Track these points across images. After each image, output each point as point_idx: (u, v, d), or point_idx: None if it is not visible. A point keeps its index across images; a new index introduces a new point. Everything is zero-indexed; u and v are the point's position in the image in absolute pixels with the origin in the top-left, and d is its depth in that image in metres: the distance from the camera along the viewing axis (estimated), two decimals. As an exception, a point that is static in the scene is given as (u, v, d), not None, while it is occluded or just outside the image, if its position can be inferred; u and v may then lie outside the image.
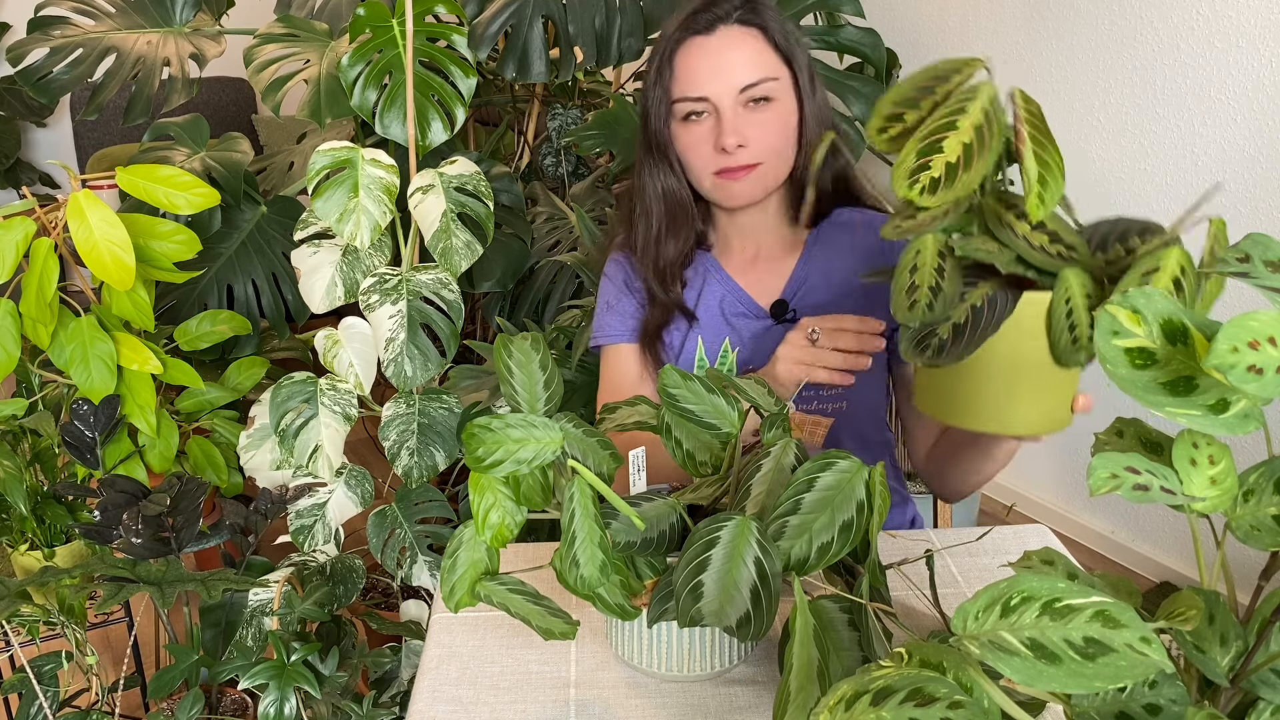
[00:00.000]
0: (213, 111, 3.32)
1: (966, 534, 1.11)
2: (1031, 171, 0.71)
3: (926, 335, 0.76)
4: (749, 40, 1.12)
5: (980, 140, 0.71)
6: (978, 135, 0.71)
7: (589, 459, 0.81)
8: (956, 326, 0.75)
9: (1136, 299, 0.56)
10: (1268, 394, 0.50)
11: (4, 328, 1.39)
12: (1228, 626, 0.60)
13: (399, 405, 1.40)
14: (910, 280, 0.75)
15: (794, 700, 0.67)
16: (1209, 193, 0.72)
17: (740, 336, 1.21)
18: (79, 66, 1.84)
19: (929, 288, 0.74)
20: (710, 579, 0.72)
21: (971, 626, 0.53)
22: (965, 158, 0.71)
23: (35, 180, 3.31)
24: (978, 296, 0.76)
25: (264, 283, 1.88)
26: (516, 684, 0.88)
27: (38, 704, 1.24)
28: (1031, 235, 0.74)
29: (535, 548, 1.10)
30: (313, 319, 1.79)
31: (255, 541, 1.36)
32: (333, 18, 1.88)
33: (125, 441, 1.54)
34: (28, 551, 1.55)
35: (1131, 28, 2.17)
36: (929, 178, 0.71)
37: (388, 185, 1.35)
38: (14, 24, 3.19)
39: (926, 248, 0.75)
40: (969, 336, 0.75)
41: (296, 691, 1.13)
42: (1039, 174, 0.71)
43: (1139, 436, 0.69)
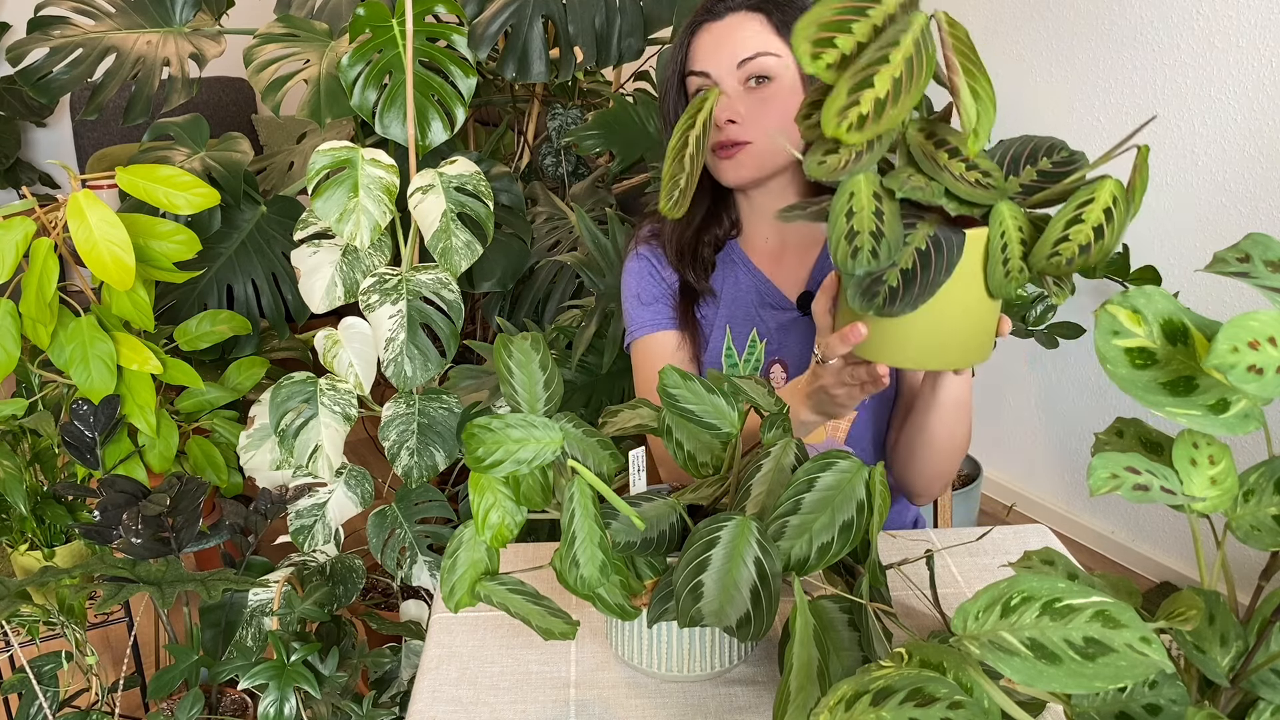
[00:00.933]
0: (213, 111, 3.32)
1: (966, 534, 1.11)
2: (969, 108, 0.70)
3: (874, 283, 0.73)
4: (753, 23, 1.15)
5: (910, 73, 0.68)
6: (907, 68, 0.68)
7: (589, 459, 0.81)
8: (905, 272, 0.73)
9: (1136, 299, 0.56)
10: (1268, 394, 0.50)
11: (4, 328, 1.39)
12: (1228, 626, 0.60)
13: (399, 405, 1.40)
14: (848, 226, 0.71)
15: (794, 700, 0.67)
16: (1143, 125, 0.73)
17: (767, 328, 1.22)
18: (79, 66, 1.84)
19: (870, 233, 0.71)
20: (710, 579, 0.72)
21: (971, 626, 0.53)
22: (894, 92, 0.67)
23: (35, 180, 3.31)
24: (920, 239, 0.74)
25: (264, 283, 1.88)
26: (516, 684, 0.88)
27: (37, 704, 1.24)
28: (954, 165, 0.73)
29: (535, 548, 1.10)
30: (313, 319, 1.79)
31: (255, 541, 1.36)
32: (333, 18, 1.88)
33: (125, 441, 1.54)
34: (28, 551, 1.55)
35: (1131, 28, 2.17)
36: (857, 114, 0.67)
37: (388, 185, 1.35)
38: (14, 24, 3.19)
39: (860, 190, 0.72)
40: (921, 281, 0.73)
41: (296, 691, 1.13)
42: (976, 110, 0.70)
43: (1139, 436, 0.69)
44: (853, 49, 0.67)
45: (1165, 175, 2.16)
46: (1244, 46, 1.97)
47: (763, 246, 1.25)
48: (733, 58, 1.13)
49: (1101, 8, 2.22)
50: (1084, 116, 2.30)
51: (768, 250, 1.25)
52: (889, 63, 0.66)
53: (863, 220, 0.71)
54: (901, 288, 0.73)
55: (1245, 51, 1.98)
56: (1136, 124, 2.20)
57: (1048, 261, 0.73)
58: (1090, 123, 2.29)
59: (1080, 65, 2.29)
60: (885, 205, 0.72)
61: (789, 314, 1.22)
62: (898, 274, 0.73)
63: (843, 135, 0.66)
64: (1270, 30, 1.93)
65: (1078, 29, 2.28)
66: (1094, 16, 2.24)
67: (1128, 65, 2.19)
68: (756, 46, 1.14)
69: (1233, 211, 2.05)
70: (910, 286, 0.73)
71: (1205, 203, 2.10)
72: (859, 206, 0.71)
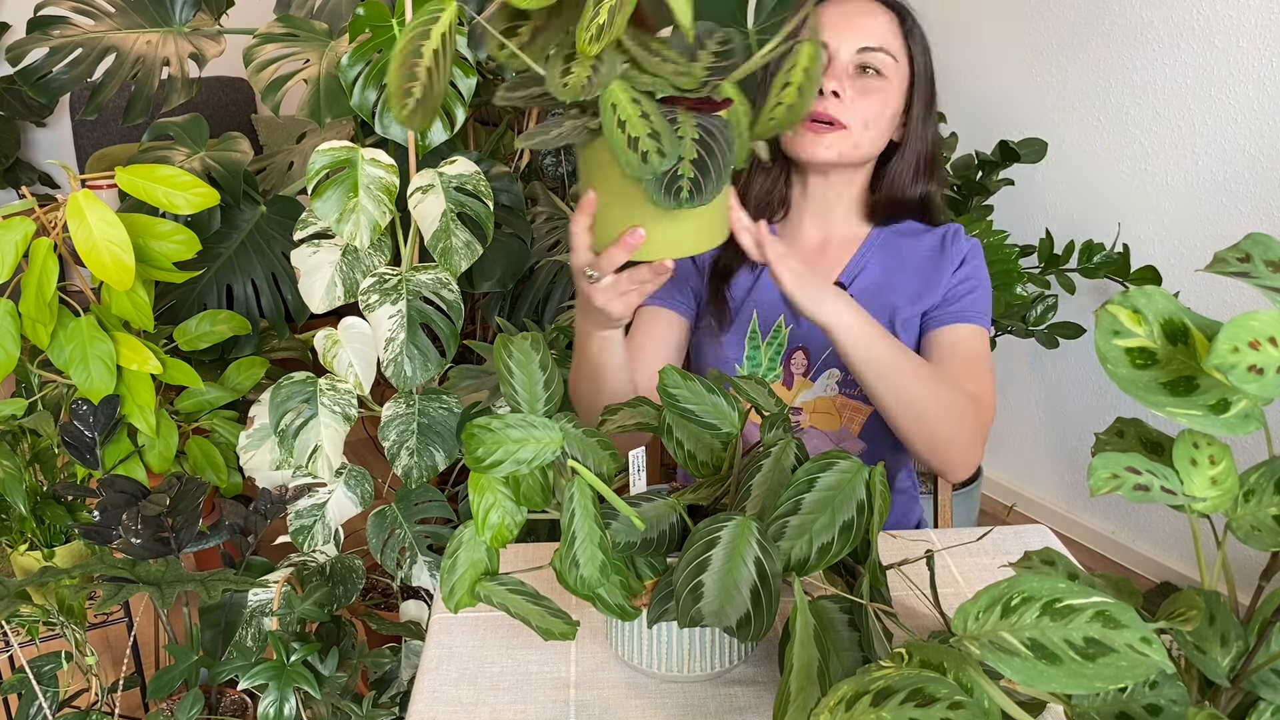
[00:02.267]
0: (212, 111, 3.31)
1: (966, 534, 1.11)
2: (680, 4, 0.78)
3: (672, 180, 0.78)
4: (886, 18, 1.18)
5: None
6: None
7: (589, 459, 0.81)
8: (696, 162, 0.79)
9: (1137, 299, 0.56)
10: (1268, 394, 0.50)
11: (4, 328, 1.39)
12: (1228, 627, 0.60)
13: (399, 405, 1.40)
14: (626, 135, 0.77)
15: (794, 700, 0.67)
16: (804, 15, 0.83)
17: (796, 315, 1.22)
18: (78, 66, 1.83)
19: (648, 135, 0.76)
20: (710, 579, 0.72)
21: (972, 627, 0.53)
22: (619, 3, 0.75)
23: (35, 180, 3.31)
24: (690, 129, 0.80)
25: (264, 283, 1.88)
26: (516, 684, 0.88)
27: (37, 704, 1.23)
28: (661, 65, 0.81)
29: (535, 548, 1.10)
30: (312, 319, 1.78)
31: (255, 542, 1.36)
32: (333, 18, 1.88)
33: (125, 441, 1.54)
34: (27, 551, 1.55)
35: (1132, 27, 2.17)
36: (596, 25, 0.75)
37: (387, 185, 1.35)
38: (14, 24, 3.19)
39: (620, 98, 0.78)
40: (714, 166, 0.79)
41: (296, 692, 1.13)
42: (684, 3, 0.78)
43: (1139, 436, 0.69)
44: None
45: (1166, 175, 2.16)
46: (1244, 46, 1.97)
47: (805, 239, 1.26)
48: (857, 39, 1.15)
49: (1101, 8, 2.22)
50: (1084, 116, 2.30)
51: (809, 244, 1.25)
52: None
53: (635, 126, 0.77)
54: (700, 176, 0.79)
55: (1245, 51, 1.97)
56: (1136, 123, 2.20)
57: (766, 124, 0.86)
58: (1090, 122, 2.29)
59: (1080, 65, 2.29)
60: (647, 107, 0.78)
61: None
62: (689, 165, 0.79)
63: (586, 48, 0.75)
64: (1270, 30, 1.93)
65: (1078, 29, 2.28)
66: (1094, 16, 2.24)
67: (1128, 65, 2.19)
68: (882, 40, 1.16)
69: (1233, 211, 2.05)
70: (706, 173, 0.79)
71: (1206, 202, 2.10)
72: (626, 115, 0.77)
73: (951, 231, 1.25)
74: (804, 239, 1.26)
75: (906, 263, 1.23)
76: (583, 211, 0.90)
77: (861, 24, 1.16)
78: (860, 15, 1.17)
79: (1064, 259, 2.18)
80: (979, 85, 2.54)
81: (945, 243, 1.24)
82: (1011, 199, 2.49)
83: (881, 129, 1.18)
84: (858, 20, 1.16)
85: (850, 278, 1.23)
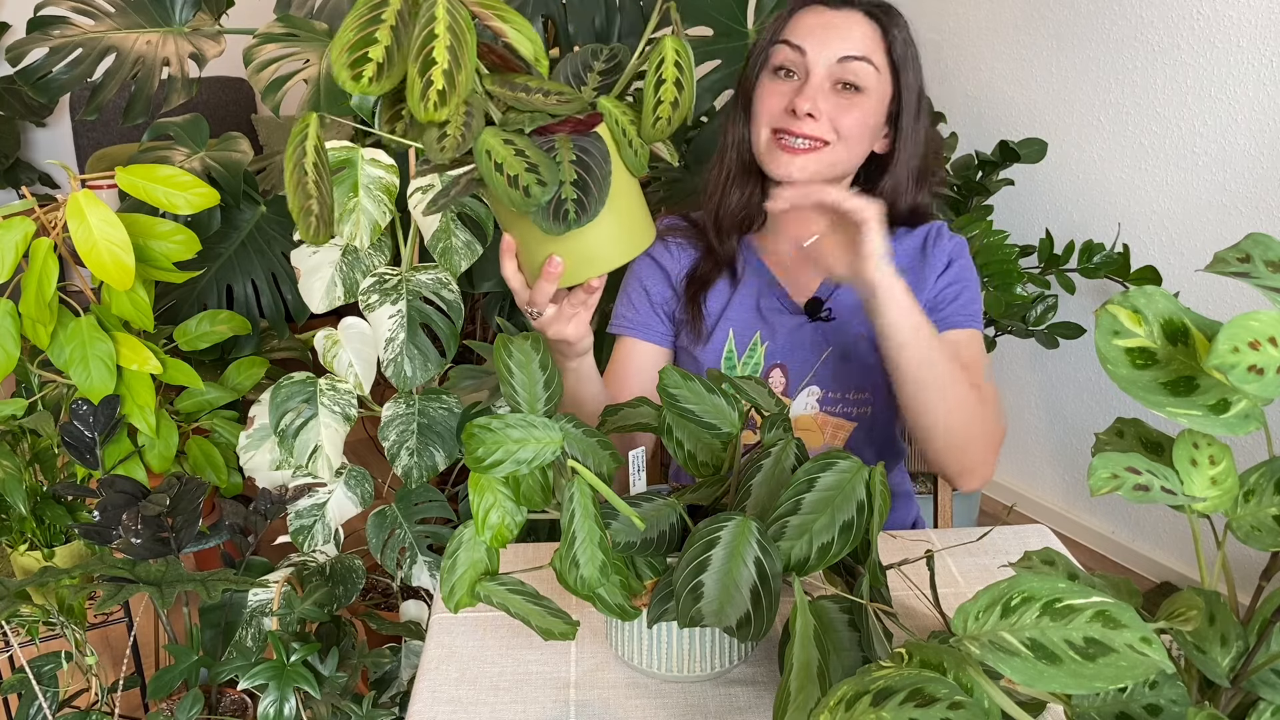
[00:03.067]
0: (212, 111, 3.31)
1: (966, 534, 1.11)
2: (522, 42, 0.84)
3: (557, 207, 0.82)
4: (867, 27, 1.12)
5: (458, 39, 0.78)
6: (455, 37, 0.78)
7: (589, 459, 0.81)
8: (576, 183, 0.83)
9: (1137, 299, 0.56)
10: (1268, 394, 0.50)
11: (4, 328, 1.39)
12: (1228, 627, 0.60)
13: (399, 405, 1.40)
14: (504, 176, 0.80)
15: (794, 700, 0.67)
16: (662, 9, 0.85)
17: (773, 331, 1.21)
18: (79, 66, 1.83)
19: (525, 169, 0.80)
20: (710, 579, 0.72)
21: (972, 627, 0.53)
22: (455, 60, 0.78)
23: (35, 180, 3.31)
24: (567, 151, 0.84)
25: (263, 283, 1.88)
26: (516, 684, 0.88)
27: (37, 704, 1.23)
28: (536, 98, 0.85)
29: (535, 548, 1.10)
30: (312, 319, 1.79)
31: (255, 541, 1.36)
32: (333, 18, 1.88)
33: (125, 441, 1.54)
34: (27, 551, 1.55)
35: (1131, 28, 2.17)
36: (435, 92, 0.78)
37: (387, 185, 1.35)
38: (14, 24, 3.19)
39: (492, 144, 0.82)
40: (594, 183, 0.83)
41: (296, 692, 1.13)
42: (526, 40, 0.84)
43: (1139, 436, 0.69)
44: (384, 55, 0.78)
45: (1165, 175, 2.16)
46: (1244, 46, 1.97)
47: (783, 248, 1.23)
48: (837, 49, 1.10)
49: (1101, 8, 2.22)
50: (1084, 116, 2.30)
51: (786, 252, 1.23)
52: (438, 37, 0.77)
53: (512, 164, 0.80)
54: (582, 196, 0.82)
55: (1245, 51, 1.97)
56: (1136, 123, 2.20)
57: (654, 129, 0.87)
58: (1090, 122, 2.29)
59: (1080, 65, 2.29)
60: (520, 143, 0.81)
61: (796, 318, 1.20)
62: (570, 188, 0.82)
63: (434, 115, 0.78)
64: (1270, 30, 1.93)
65: (1078, 29, 2.28)
66: (1094, 16, 2.24)
67: (1128, 65, 2.19)
68: (864, 49, 1.11)
69: (1233, 211, 2.05)
70: (588, 192, 0.82)
71: (1206, 203, 2.10)
72: (501, 157, 0.81)
73: (934, 231, 1.21)
74: (782, 249, 1.23)
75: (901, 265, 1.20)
76: (505, 256, 0.93)
77: (840, 32, 1.11)
78: (839, 24, 1.12)
79: (1064, 259, 2.18)
80: (979, 85, 2.54)
81: (927, 245, 1.20)
82: (1011, 199, 2.49)
83: (861, 144, 1.14)
84: (836, 29, 1.11)
85: (830, 289, 1.20)
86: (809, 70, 1.11)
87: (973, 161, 2.30)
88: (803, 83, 1.11)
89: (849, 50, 1.10)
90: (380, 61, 0.77)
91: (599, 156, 0.84)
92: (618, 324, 1.26)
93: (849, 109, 1.11)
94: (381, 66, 0.77)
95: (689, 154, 1.84)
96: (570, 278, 0.90)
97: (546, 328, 0.98)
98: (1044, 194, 2.43)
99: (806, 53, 1.11)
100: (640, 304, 1.25)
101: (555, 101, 0.84)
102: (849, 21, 1.12)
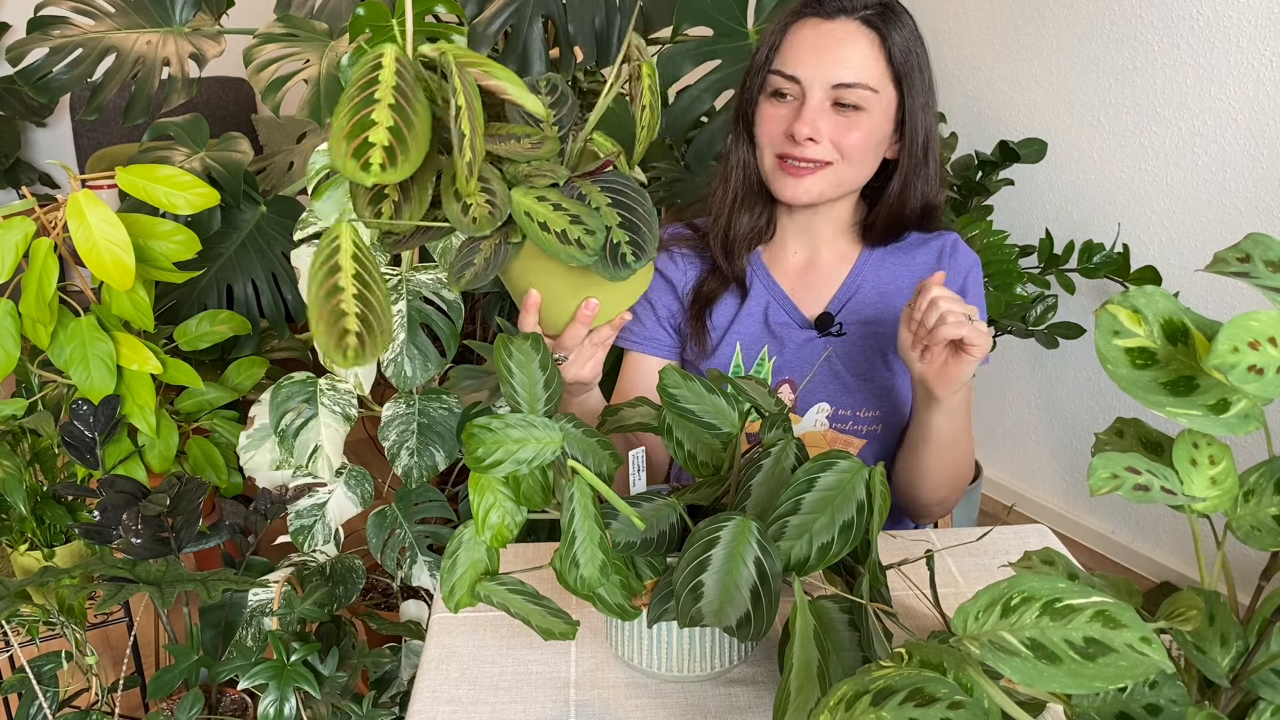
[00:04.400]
0: (212, 111, 3.31)
1: (966, 534, 1.11)
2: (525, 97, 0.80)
3: (614, 251, 0.83)
4: (863, 41, 1.08)
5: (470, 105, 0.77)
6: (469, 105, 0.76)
7: (589, 459, 0.81)
8: (623, 224, 0.84)
9: (1137, 299, 0.56)
10: (1268, 394, 0.50)
11: (4, 328, 1.39)
12: (1228, 627, 0.60)
13: (399, 405, 1.40)
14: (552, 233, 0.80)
15: (794, 700, 0.67)
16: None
17: (781, 345, 1.19)
18: (79, 66, 1.83)
19: (570, 223, 0.80)
20: (710, 579, 0.72)
21: (972, 627, 0.53)
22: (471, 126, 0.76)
23: (35, 180, 3.31)
24: (598, 198, 0.84)
25: (264, 283, 1.88)
26: (516, 684, 0.88)
27: (37, 704, 1.24)
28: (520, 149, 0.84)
29: (535, 548, 1.10)
30: (312, 319, 1.78)
31: (255, 541, 1.36)
32: (333, 18, 1.88)
33: (125, 441, 1.54)
34: (27, 551, 1.55)
35: (1131, 28, 2.17)
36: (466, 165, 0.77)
37: (387, 185, 1.35)
38: (14, 24, 3.19)
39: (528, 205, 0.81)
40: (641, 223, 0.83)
41: (296, 692, 1.13)
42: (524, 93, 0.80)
43: (1139, 436, 0.69)
44: (388, 137, 0.70)
45: (1165, 175, 2.16)
46: (1244, 46, 1.97)
47: (791, 260, 1.21)
48: (832, 74, 1.07)
49: (1101, 7, 2.22)
50: (1084, 116, 2.30)
51: (794, 265, 1.21)
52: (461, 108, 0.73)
53: (556, 220, 0.80)
54: (634, 236, 0.82)
55: (1245, 51, 1.97)
56: (1136, 123, 2.20)
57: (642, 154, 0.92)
58: (1090, 122, 2.29)
59: (1080, 65, 2.29)
60: (553, 197, 0.82)
61: (806, 333, 1.19)
62: (619, 230, 0.82)
63: (470, 189, 0.77)
64: (1270, 30, 1.93)
65: (1077, 29, 2.28)
66: (1094, 16, 2.24)
67: (1128, 65, 2.19)
68: (860, 75, 1.07)
69: (1233, 211, 2.05)
70: (637, 230, 0.83)
71: (1205, 203, 2.10)
72: (542, 216, 0.80)
73: (949, 245, 1.20)
74: (789, 261, 1.22)
75: (902, 282, 1.18)
76: (529, 312, 0.92)
77: (836, 55, 1.07)
78: (835, 43, 1.07)
79: (1064, 259, 2.18)
80: (979, 85, 2.54)
81: (942, 260, 1.19)
82: (1011, 199, 2.49)
83: (866, 160, 1.12)
84: (833, 51, 1.07)
85: (841, 304, 1.19)
86: (805, 94, 1.08)
87: (973, 161, 2.30)
88: (800, 105, 1.09)
89: (844, 77, 1.07)
90: (386, 144, 0.70)
91: (633, 193, 0.84)
92: (624, 339, 1.24)
93: (849, 129, 1.08)
94: (390, 150, 0.70)
95: (689, 154, 1.83)
96: (600, 318, 0.92)
97: (567, 371, 0.97)
98: (1044, 194, 2.43)
99: (801, 80, 1.08)
100: (646, 318, 1.23)
101: (529, 146, 0.84)
102: (845, 37, 1.07)
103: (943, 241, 1.20)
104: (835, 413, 1.19)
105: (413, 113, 0.73)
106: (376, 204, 0.80)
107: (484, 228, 0.79)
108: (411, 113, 0.73)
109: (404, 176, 0.70)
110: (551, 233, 0.79)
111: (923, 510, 1.19)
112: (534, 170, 0.83)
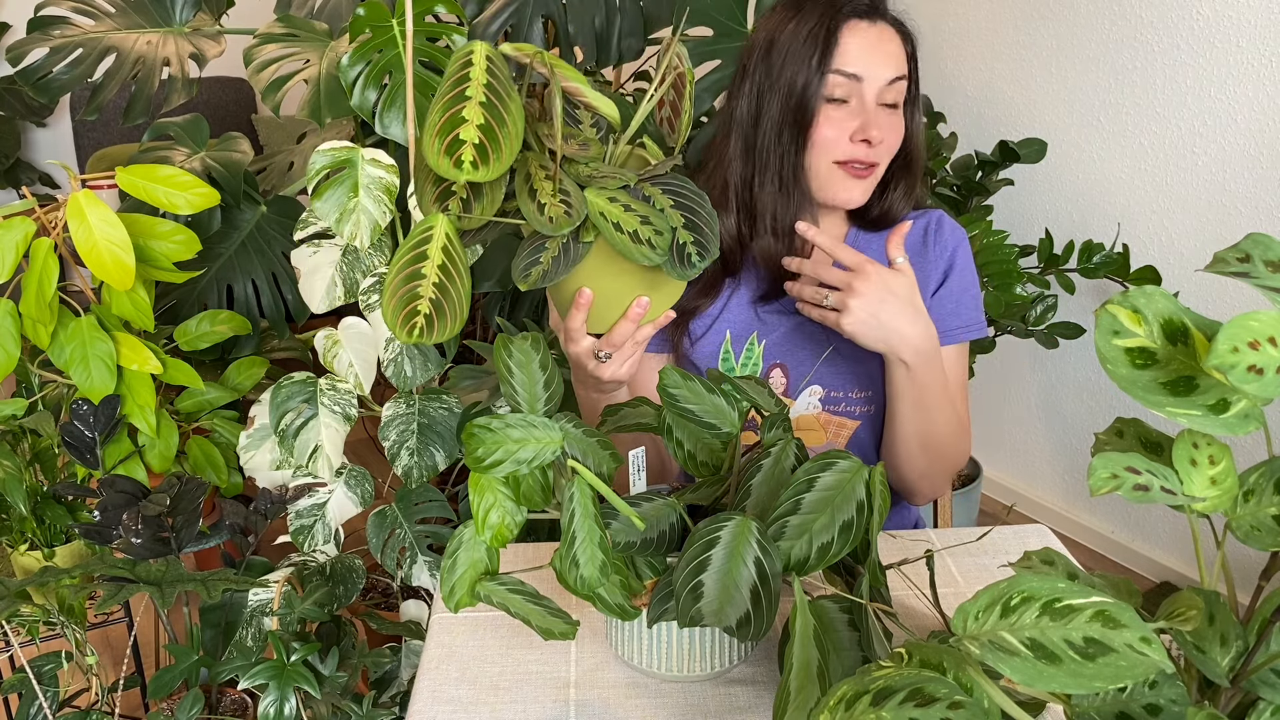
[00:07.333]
0: (213, 111, 3.32)
1: (966, 534, 1.11)
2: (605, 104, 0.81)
3: (680, 251, 0.85)
4: (897, 41, 1.13)
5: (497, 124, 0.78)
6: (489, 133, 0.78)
7: (589, 459, 0.81)
8: (687, 225, 0.86)
9: (1137, 299, 0.56)
10: (1268, 394, 0.50)
11: (4, 328, 1.39)
12: (1228, 626, 0.60)
13: (399, 405, 1.40)
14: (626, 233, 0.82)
15: (794, 700, 0.67)
16: None
17: (769, 330, 1.20)
18: (79, 66, 1.83)
19: (641, 224, 0.83)
20: (710, 579, 0.72)
21: (971, 627, 0.53)
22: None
23: (35, 180, 3.31)
24: (661, 200, 0.85)
25: (264, 283, 1.88)
26: (516, 684, 0.88)
27: (37, 704, 1.24)
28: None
29: (535, 548, 1.10)
30: (313, 319, 1.78)
31: (255, 541, 1.36)
32: (333, 18, 1.88)
33: (125, 441, 1.54)
34: (28, 551, 1.55)
35: (1131, 28, 2.17)
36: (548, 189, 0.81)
37: (388, 185, 1.35)
38: (14, 24, 3.19)
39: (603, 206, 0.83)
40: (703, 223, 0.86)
41: (296, 691, 1.13)
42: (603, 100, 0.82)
43: (1139, 436, 0.69)
44: (479, 135, 0.75)
45: (1165, 175, 2.16)
46: (1244, 46, 1.97)
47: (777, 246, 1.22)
48: (885, 73, 1.10)
49: (1101, 7, 2.22)
50: (1084, 116, 2.30)
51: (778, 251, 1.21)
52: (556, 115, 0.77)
53: (628, 221, 0.82)
54: (698, 236, 0.85)
55: (1245, 51, 1.98)
56: (1136, 123, 2.20)
57: None
58: (1090, 122, 2.29)
59: (1080, 65, 2.29)
60: (624, 198, 0.84)
61: (794, 317, 1.20)
62: (685, 231, 0.84)
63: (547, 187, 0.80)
64: (1270, 30, 1.93)
65: (1077, 29, 2.28)
66: (1094, 16, 2.24)
67: (1128, 65, 2.19)
68: (902, 67, 1.12)
69: (1233, 211, 2.05)
70: (700, 230, 0.85)
71: (1205, 203, 2.10)
72: (615, 217, 0.82)
73: (933, 221, 1.21)
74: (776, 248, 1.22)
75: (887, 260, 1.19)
76: (580, 310, 0.93)
77: (886, 52, 1.11)
78: (883, 42, 1.11)
79: (1064, 259, 2.18)
80: (979, 85, 2.54)
81: (928, 236, 1.20)
82: (1011, 199, 2.49)
83: (893, 151, 1.15)
84: (883, 49, 1.11)
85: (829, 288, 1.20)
86: (863, 94, 1.10)
87: (973, 161, 2.30)
88: (859, 108, 1.10)
89: (895, 72, 1.11)
90: (477, 142, 0.74)
91: (693, 194, 0.86)
92: None
93: (894, 127, 1.12)
94: (482, 148, 0.73)
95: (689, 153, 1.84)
96: (648, 316, 0.93)
97: (606, 370, 0.99)
98: (1044, 194, 2.43)
99: (862, 79, 1.10)
100: None
101: (576, 148, 0.85)
102: (887, 37, 1.12)
103: (928, 219, 1.22)
104: (828, 394, 1.20)
105: (505, 111, 0.76)
106: (444, 199, 0.82)
107: (562, 227, 0.80)
108: (504, 111, 0.76)
109: (496, 175, 0.75)
110: (624, 233, 0.81)
111: (909, 486, 1.19)
112: (599, 172, 0.84)
